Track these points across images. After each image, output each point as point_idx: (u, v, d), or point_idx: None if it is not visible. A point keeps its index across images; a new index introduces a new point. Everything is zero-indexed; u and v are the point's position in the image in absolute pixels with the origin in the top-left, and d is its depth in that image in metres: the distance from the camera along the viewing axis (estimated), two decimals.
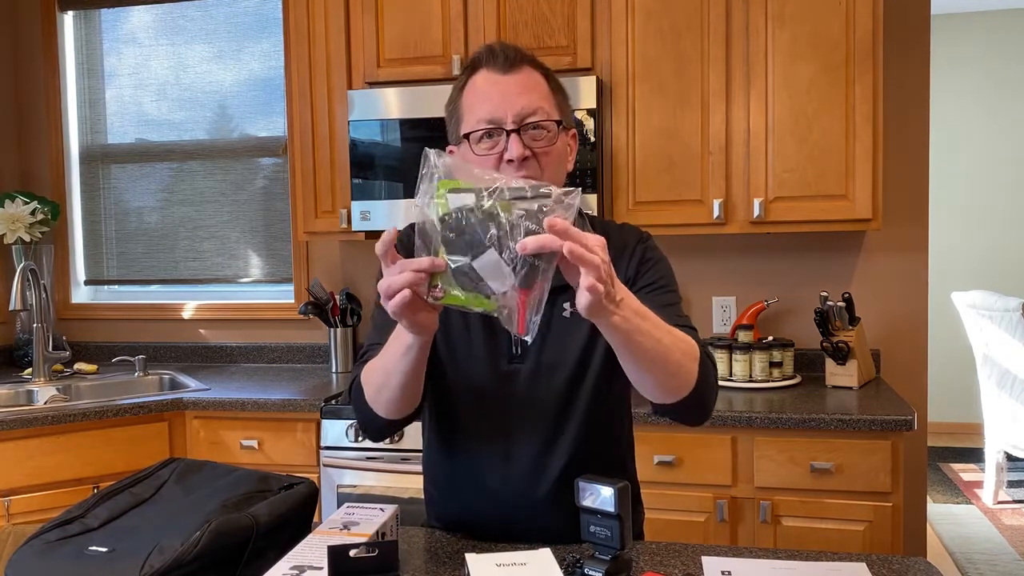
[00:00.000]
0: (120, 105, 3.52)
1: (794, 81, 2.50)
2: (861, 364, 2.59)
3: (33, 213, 3.23)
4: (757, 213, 2.53)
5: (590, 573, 1.13)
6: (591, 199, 2.53)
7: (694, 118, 2.57)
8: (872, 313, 2.84)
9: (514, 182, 1.01)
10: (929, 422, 2.93)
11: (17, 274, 2.83)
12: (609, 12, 2.61)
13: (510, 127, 1.27)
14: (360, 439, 2.51)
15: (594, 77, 2.55)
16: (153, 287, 3.54)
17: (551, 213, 0.99)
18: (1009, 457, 4.26)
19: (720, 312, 2.94)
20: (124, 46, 3.50)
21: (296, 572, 1.09)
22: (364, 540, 1.16)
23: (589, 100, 2.53)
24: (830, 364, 2.60)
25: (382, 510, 1.28)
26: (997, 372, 4.13)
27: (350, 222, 2.78)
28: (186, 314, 3.43)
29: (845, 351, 2.55)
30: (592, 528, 1.16)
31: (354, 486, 2.53)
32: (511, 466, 1.36)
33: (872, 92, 2.46)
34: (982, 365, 4.26)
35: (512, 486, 1.36)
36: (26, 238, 3.23)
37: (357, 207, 2.72)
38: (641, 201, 2.62)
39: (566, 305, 1.36)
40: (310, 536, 1.20)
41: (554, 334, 1.35)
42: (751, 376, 2.60)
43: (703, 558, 1.25)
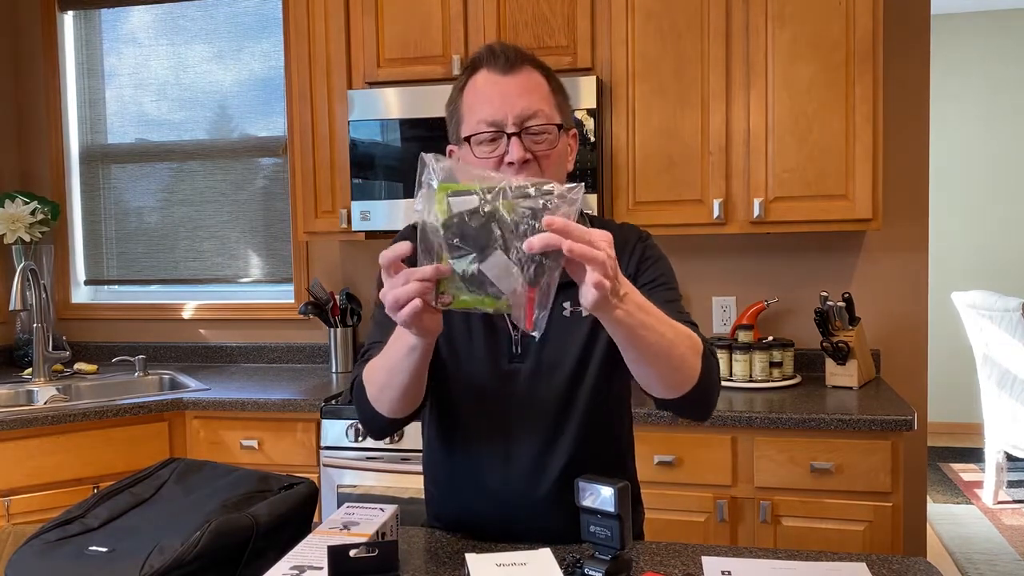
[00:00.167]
0: (120, 105, 3.52)
1: (794, 81, 2.50)
2: (861, 364, 2.59)
3: (33, 213, 3.23)
4: (757, 213, 2.53)
5: (590, 573, 1.13)
6: (591, 199, 2.53)
7: (694, 118, 2.57)
8: (872, 313, 2.84)
9: (516, 180, 1.00)
10: (929, 422, 2.93)
11: (17, 274, 2.83)
12: (609, 12, 2.61)
13: (511, 130, 1.28)
14: (360, 439, 2.51)
15: (594, 77, 2.55)
16: (153, 287, 3.54)
17: (555, 210, 0.97)
18: (1009, 457, 4.26)
19: (720, 312, 2.94)
20: (124, 46, 3.50)
21: (296, 572, 1.09)
22: (364, 540, 1.16)
23: (589, 100, 2.53)
24: (830, 364, 2.60)
25: (382, 510, 1.28)
26: (997, 372, 4.13)
27: (350, 222, 2.78)
28: (186, 314, 3.43)
29: (845, 351, 2.55)
30: (592, 528, 1.16)
31: (354, 486, 2.53)
32: (511, 466, 1.36)
33: (872, 92, 2.46)
34: (982, 365, 4.26)
35: (512, 486, 1.36)
36: (26, 238, 3.23)
37: (357, 207, 2.72)
38: (641, 201, 2.62)
39: (566, 304, 1.36)
40: (310, 536, 1.20)
41: (554, 333, 1.35)
42: (751, 376, 2.60)
43: (703, 558, 1.25)
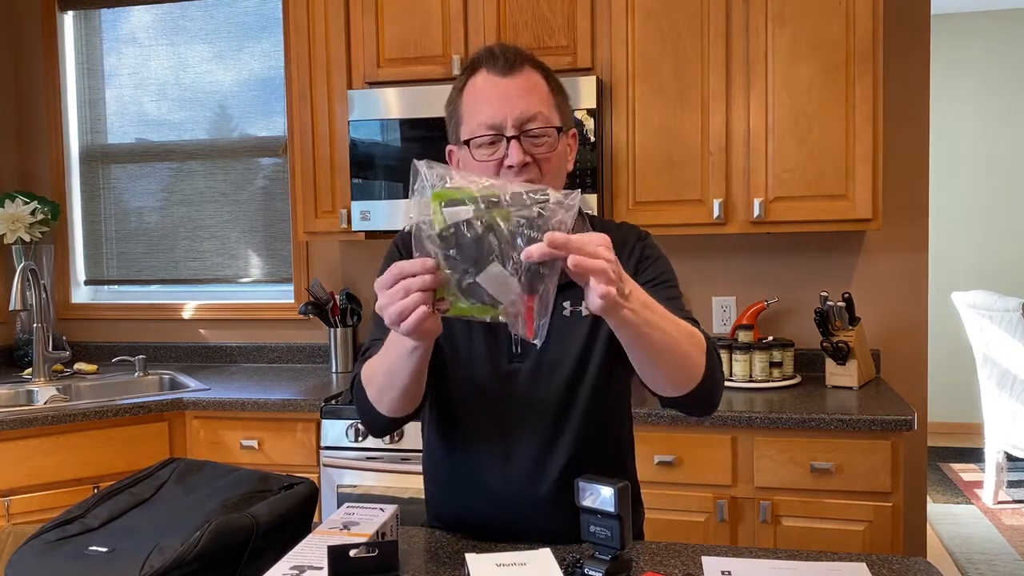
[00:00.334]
0: (120, 105, 3.52)
1: (794, 81, 2.50)
2: (861, 364, 2.59)
3: (33, 213, 3.23)
4: (757, 213, 2.53)
5: (590, 573, 1.13)
6: (591, 199, 2.53)
7: (694, 118, 2.57)
8: (872, 313, 2.84)
9: (512, 187, 0.99)
10: (929, 422, 2.93)
11: (17, 274, 2.83)
12: (609, 12, 2.61)
13: (510, 133, 1.27)
14: (360, 439, 2.51)
15: (594, 77, 2.55)
16: (153, 287, 3.54)
17: (552, 217, 0.97)
18: (1009, 457, 4.26)
19: (720, 312, 2.94)
20: (124, 46, 3.50)
21: (296, 572, 1.09)
22: (364, 540, 1.16)
23: (589, 100, 2.53)
24: (830, 364, 2.60)
25: (382, 510, 1.28)
26: (997, 372, 4.13)
27: (350, 222, 2.78)
28: (186, 314, 3.43)
29: (845, 351, 2.55)
30: (592, 528, 1.16)
31: (354, 486, 2.53)
32: (511, 466, 1.36)
33: (872, 92, 2.46)
34: (982, 365, 4.26)
35: (512, 486, 1.36)
36: (26, 238, 3.23)
37: (357, 207, 2.72)
38: (641, 201, 2.62)
39: (566, 304, 1.36)
40: (310, 536, 1.20)
41: (554, 333, 1.34)
42: (751, 376, 2.60)
43: (703, 558, 1.25)
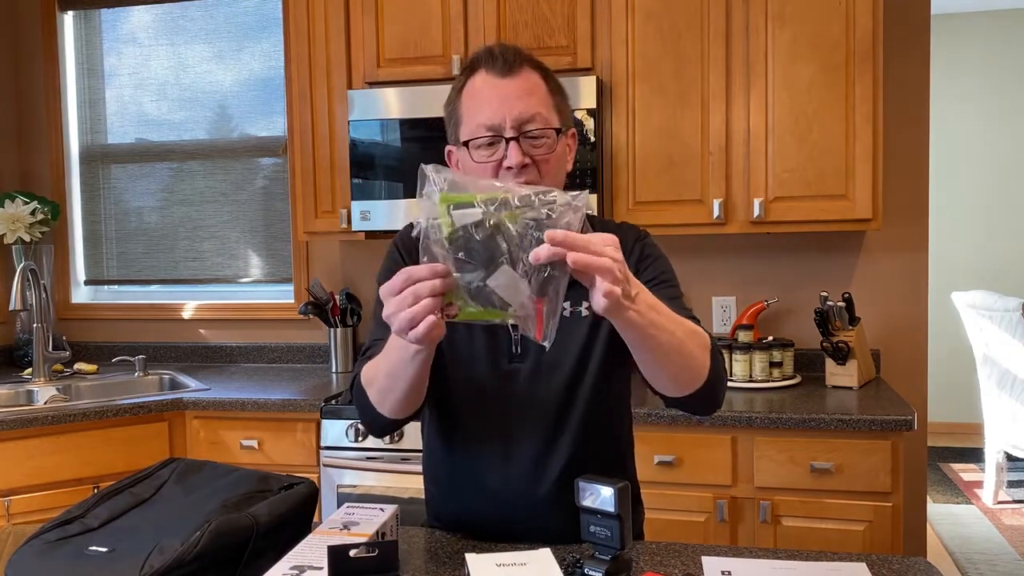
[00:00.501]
0: (120, 105, 3.52)
1: (794, 81, 2.50)
2: (861, 364, 2.59)
3: (33, 213, 3.23)
4: (757, 213, 2.53)
5: (590, 573, 1.13)
6: (591, 199, 2.53)
7: (694, 118, 2.57)
8: (872, 313, 2.84)
9: (519, 190, 0.98)
10: (929, 422, 2.93)
11: (17, 274, 2.83)
12: (609, 12, 2.61)
13: (509, 134, 1.27)
14: (360, 439, 2.51)
15: (594, 77, 2.55)
16: (153, 287, 3.54)
17: (560, 218, 0.96)
18: (1009, 457, 4.26)
19: (720, 312, 2.94)
20: (124, 46, 3.50)
21: (296, 572, 1.09)
22: (364, 540, 1.16)
23: (589, 100, 2.53)
24: (830, 364, 2.60)
25: (382, 510, 1.28)
26: (997, 372, 4.13)
27: (350, 222, 2.78)
28: (186, 314, 3.43)
29: (845, 351, 2.55)
30: (592, 528, 1.15)
31: (354, 486, 2.53)
32: (511, 466, 1.36)
33: (872, 92, 2.46)
34: (982, 365, 4.26)
35: (512, 486, 1.36)
36: (26, 238, 3.23)
37: (357, 207, 2.72)
38: (641, 201, 2.62)
39: (566, 304, 1.36)
40: (310, 536, 1.20)
41: None
42: (751, 376, 2.60)
43: (703, 558, 1.25)
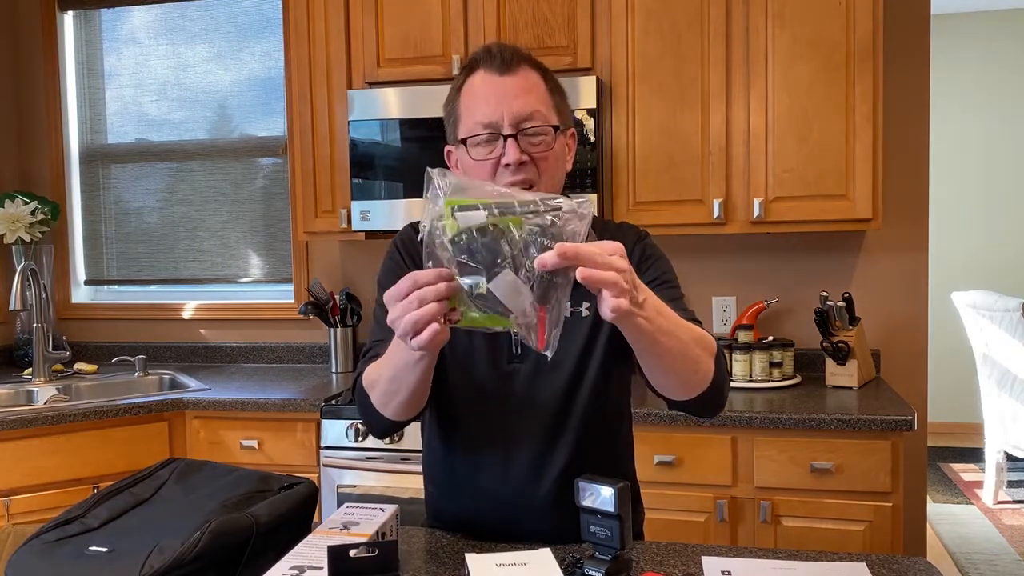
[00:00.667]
0: (120, 105, 3.52)
1: (794, 81, 2.50)
2: (861, 364, 2.59)
3: (33, 213, 3.23)
4: (757, 213, 2.53)
5: (590, 573, 1.13)
6: (591, 199, 2.53)
7: (694, 118, 2.57)
8: (872, 313, 2.83)
9: (524, 195, 0.98)
10: (929, 422, 2.93)
11: (17, 274, 2.83)
12: (609, 12, 2.61)
13: (507, 131, 1.27)
14: (360, 439, 2.51)
15: (594, 77, 2.55)
16: (153, 287, 3.54)
17: (565, 225, 0.96)
18: (1009, 457, 4.26)
19: (720, 312, 2.94)
20: (124, 46, 3.50)
21: (296, 572, 1.09)
22: (364, 540, 1.16)
23: (589, 100, 2.52)
24: (830, 364, 2.60)
25: (382, 510, 1.28)
26: (997, 372, 4.13)
27: (350, 222, 2.78)
28: (186, 314, 3.43)
29: (845, 351, 2.55)
30: (592, 528, 1.15)
31: (354, 486, 2.53)
32: (511, 466, 1.36)
33: (872, 92, 2.46)
34: (982, 365, 4.26)
35: (512, 486, 1.36)
36: (26, 238, 3.23)
37: (357, 207, 2.72)
38: (641, 201, 2.62)
39: (567, 305, 1.35)
40: (310, 536, 1.20)
41: None
42: (751, 376, 2.60)
43: (703, 558, 1.25)
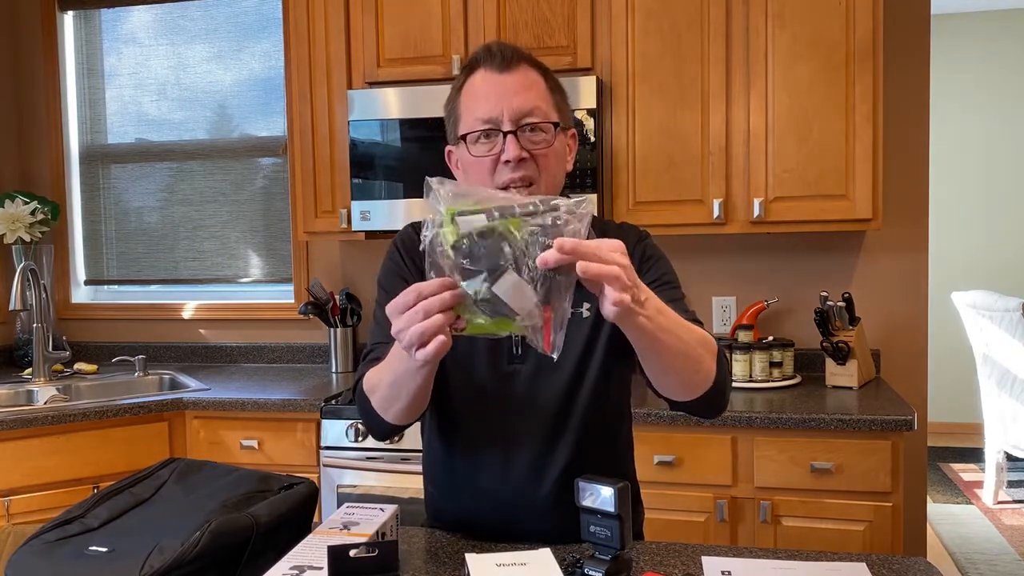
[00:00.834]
0: (120, 105, 3.52)
1: (794, 81, 2.50)
2: (861, 364, 2.59)
3: (33, 213, 3.23)
4: (757, 213, 2.53)
5: (590, 573, 1.13)
6: (591, 199, 2.52)
7: (694, 118, 2.57)
8: (872, 313, 2.83)
9: (523, 199, 0.98)
10: (929, 422, 2.93)
11: (17, 274, 2.83)
12: (609, 12, 2.61)
13: (507, 127, 1.27)
14: (360, 439, 2.51)
15: (594, 77, 2.54)
16: (153, 287, 3.54)
17: (565, 225, 0.96)
18: (1009, 457, 4.26)
19: (720, 312, 2.94)
20: (124, 46, 3.50)
21: (296, 572, 1.09)
22: (364, 540, 1.16)
23: (589, 100, 2.52)
24: (830, 364, 2.60)
25: (382, 510, 1.28)
26: (997, 372, 4.13)
27: (350, 222, 2.78)
28: (186, 314, 3.43)
29: (845, 351, 2.55)
30: (592, 528, 1.15)
31: (354, 486, 2.53)
32: (511, 466, 1.36)
33: (872, 92, 2.46)
34: (982, 365, 4.26)
35: (512, 486, 1.36)
36: (26, 238, 3.23)
37: (357, 207, 2.72)
38: (641, 201, 2.62)
39: (566, 305, 1.35)
40: (310, 536, 1.20)
41: None
42: (751, 376, 2.60)
43: (703, 558, 1.25)
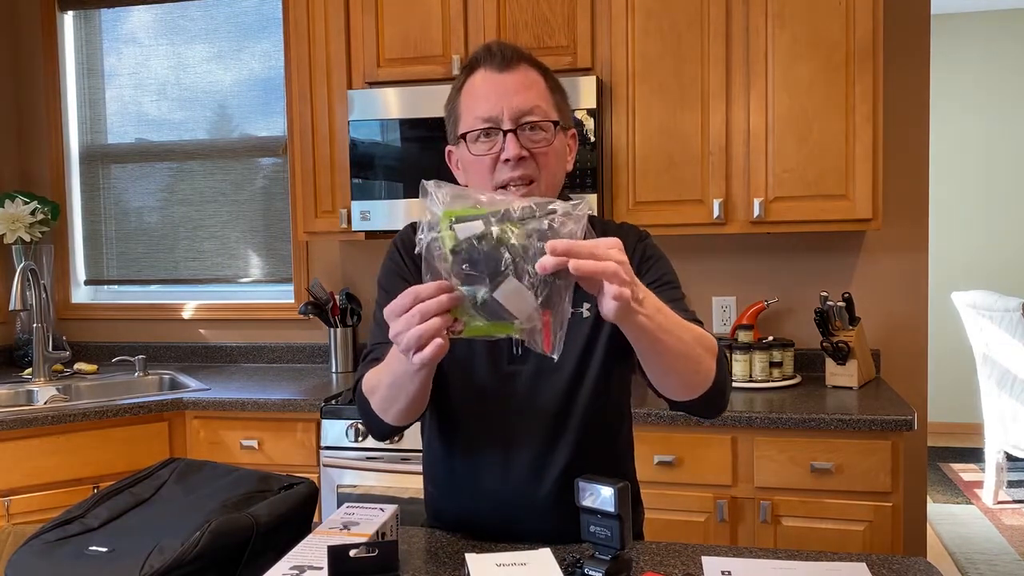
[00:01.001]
0: (120, 105, 3.52)
1: (794, 81, 2.50)
2: (861, 364, 2.59)
3: (33, 213, 3.23)
4: (757, 213, 2.53)
5: (590, 573, 1.13)
6: (591, 199, 2.53)
7: (694, 118, 2.57)
8: (872, 313, 2.83)
9: (520, 201, 0.98)
10: (929, 422, 2.92)
11: (17, 274, 2.83)
12: (609, 12, 2.61)
13: (507, 126, 1.27)
14: (360, 439, 2.51)
15: (594, 77, 2.54)
16: (153, 287, 3.54)
17: (562, 228, 0.96)
18: (1009, 457, 4.26)
19: (720, 312, 2.94)
20: (124, 46, 3.50)
21: (296, 572, 1.09)
22: (364, 540, 1.16)
23: (589, 100, 2.52)
24: (830, 364, 2.60)
25: (382, 510, 1.28)
26: (997, 372, 4.13)
27: (350, 222, 2.78)
28: (186, 314, 3.43)
29: (845, 351, 2.55)
30: (592, 528, 1.15)
31: (354, 486, 2.53)
32: (511, 466, 1.36)
33: (872, 92, 2.46)
34: (982, 365, 4.26)
35: (512, 486, 1.36)
36: (26, 238, 3.23)
37: (357, 207, 2.72)
38: (641, 201, 2.62)
39: (566, 306, 1.35)
40: (310, 536, 1.20)
41: None
42: (751, 376, 2.60)
43: (703, 558, 1.25)
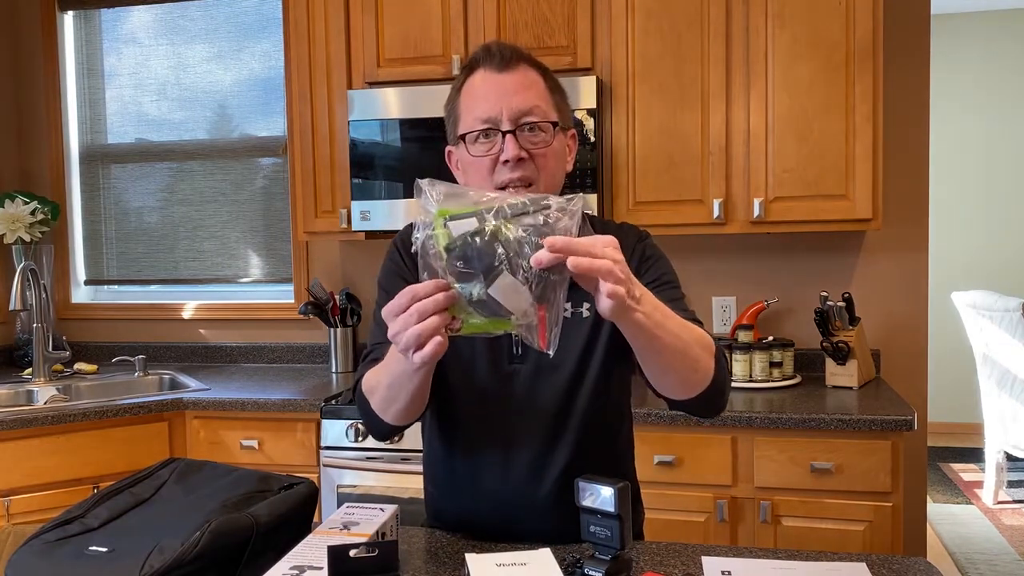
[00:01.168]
0: (120, 105, 3.52)
1: (794, 81, 2.50)
2: (861, 364, 2.59)
3: (33, 213, 3.23)
4: (757, 213, 2.53)
5: (590, 573, 1.13)
6: (591, 199, 2.53)
7: (694, 118, 2.57)
8: (872, 313, 2.83)
9: (513, 198, 0.98)
10: (929, 422, 2.93)
11: (17, 274, 2.83)
12: (609, 12, 2.61)
13: (506, 127, 1.27)
14: (360, 439, 2.52)
15: (594, 77, 2.54)
16: (153, 287, 3.54)
17: (556, 223, 0.96)
18: (1009, 457, 4.26)
19: (720, 312, 2.94)
20: (124, 46, 3.50)
21: (296, 572, 1.09)
22: (364, 540, 1.16)
23: (589, 100, 2.52)
24: (830, 364, 2.60)
25: (382, 510, 1.28)
26: (997, 372, 4.13)
27: (350, 222, 2.78)
28: (186, 314, 3.43)
29: (845, 351, 2.55)
30: (592, 528, 1.15)
31: (354, 486, 2.53)
32: (511, 466, 1.36)
33: (872, 92, 2.46)
34: (982, 365, 4.26)
35: (512, 486, 1.36)
36: (26, 238, 3.23)
37: (357, 207, 2.72)
38: (641, 201, 2.62)
39: (567, 306, 1.35)
40: (310, 536, 1.20)
41: None
42: (751, 376, 2.60)
43: (703, 558, 1.25)
